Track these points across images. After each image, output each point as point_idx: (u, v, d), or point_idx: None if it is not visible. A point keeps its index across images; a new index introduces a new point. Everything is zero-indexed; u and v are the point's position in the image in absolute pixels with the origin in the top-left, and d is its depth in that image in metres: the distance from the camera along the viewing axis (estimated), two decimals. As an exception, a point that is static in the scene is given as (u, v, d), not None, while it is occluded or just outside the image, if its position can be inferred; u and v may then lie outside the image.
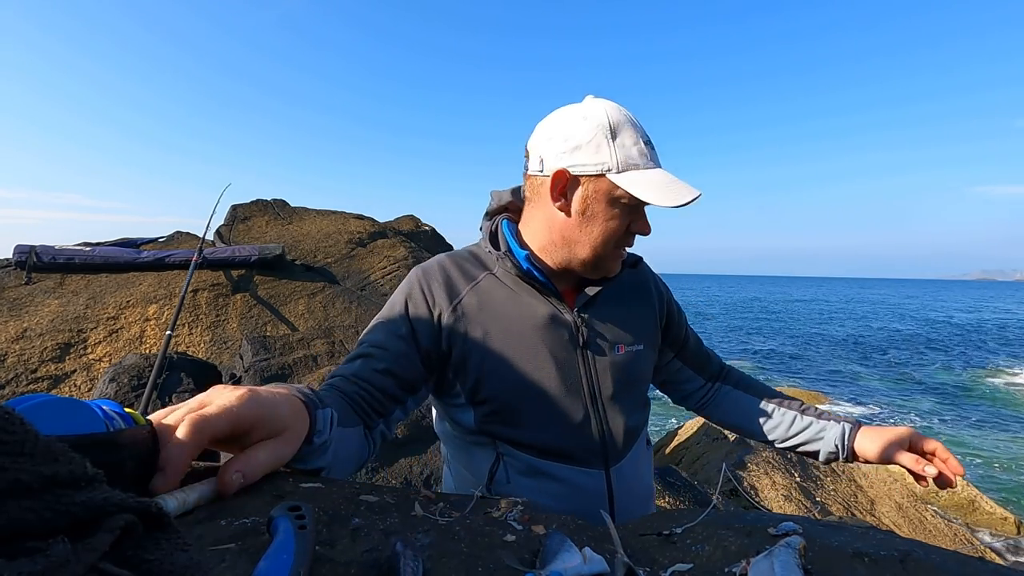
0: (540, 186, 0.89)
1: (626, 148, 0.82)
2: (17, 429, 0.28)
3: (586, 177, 0.84)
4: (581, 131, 0.83)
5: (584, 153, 0.83)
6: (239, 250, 4.21)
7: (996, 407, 13.02)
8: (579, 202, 0.85)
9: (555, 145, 0.85)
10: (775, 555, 0.48)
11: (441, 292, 0.89)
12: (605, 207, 0.85)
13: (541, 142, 0.88)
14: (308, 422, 0.63)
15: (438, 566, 0.47)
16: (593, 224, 0.86)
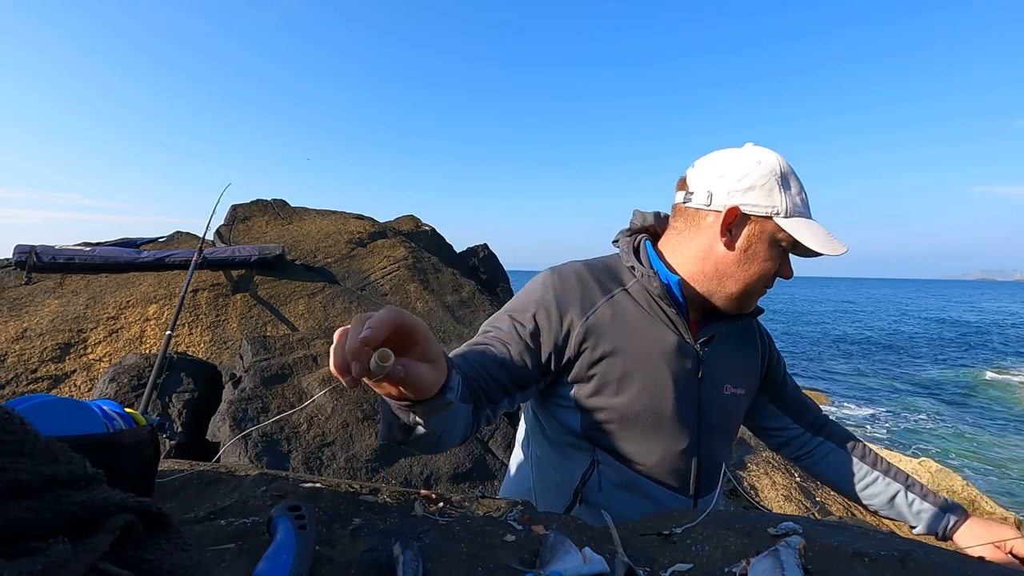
0: (703, 218, 0.93)
1: (792, 196, 0.88)
2: (17, 429, 0.28)
3: (755, 217, 0.89)
4: (755, 174, 0.88)
5: (757, 194, 0.88)
6: (239, 250, 4.21)
7: (996, 407, 13.02)
8: (744, 239, 0.90)
9: (727, 183, 0.89)
10: (775, 555, 0.48)
11: (576, 300, 0.91)
12: (766, 248, 0.89)
13: (711, 178, 0.92)
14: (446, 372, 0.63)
15: (438, 566, 0.47)
16: (752, 262, 0.90)
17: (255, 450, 2.37)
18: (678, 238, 0.96)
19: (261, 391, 2.70)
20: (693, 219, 0.94)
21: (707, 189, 0.91)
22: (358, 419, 2.72)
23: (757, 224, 0.89)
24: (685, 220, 0.95)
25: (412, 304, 4.48)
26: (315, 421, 2.64)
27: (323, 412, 2.70)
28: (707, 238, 0.92)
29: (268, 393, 2.71)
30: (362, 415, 2.75)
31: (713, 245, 0.91)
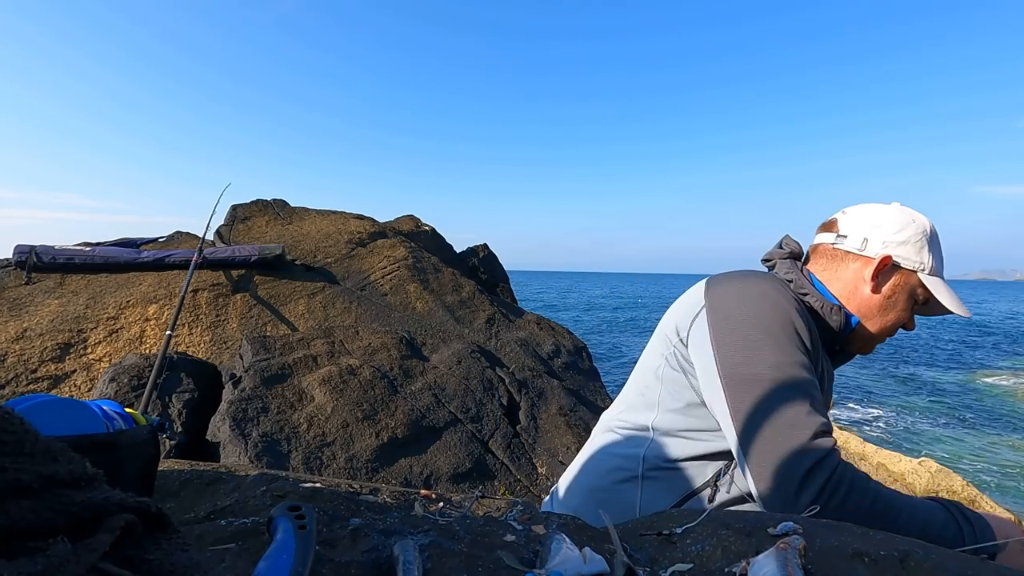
0: (852, 261, 1.00)
1: (936, 257, 0.98)
2: (17, 429, 0.28)
3: (904, 269, 0.97)
4: (910, 230, 0.97)
5: (909, 249, 0.96)
6: (239, 250, 4.21)
7: (996, 407, 13.02)
8: (889, 287, 0.98)
9: (883, 234, 0.98)
10: (775, 555, 0.48)
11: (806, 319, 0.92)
12: (905, 299, 0.98)
13: (866, 227, 1.00)
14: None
15: (438, 566, 0.47)
16: (892, 310, 0.98)
17: (255, 450, 2.37)
18: (822, 275, 1.03)
19: (261, 391, 2.70)
20: (842, 261, 1.01)
21: (863, 235, 0.99)
22: (358, 419, 2.72)
23: (903, 276, 0.97)
24: (832, 260, 1.03)
25: (412, 304, 4.49)
26: (315, 421, 2.64)
27: (323, 412, 2.70)
28: (854, 280, 0.99)
29: (268, 393, 2.71)
30: (362, 415, 2.75)
31: (859, 287, 0.99)
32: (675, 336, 0.97)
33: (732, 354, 0.86)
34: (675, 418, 0.96)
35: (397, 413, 2.84)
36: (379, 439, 2.67)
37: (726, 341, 0.88)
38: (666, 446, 0.96)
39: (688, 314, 0.96)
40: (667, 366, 0.98)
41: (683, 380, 0.95)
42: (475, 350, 3.70)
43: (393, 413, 2.83)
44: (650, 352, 1.05)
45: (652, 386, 1.00)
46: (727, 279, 0.97)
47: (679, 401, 0.95)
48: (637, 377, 1.07)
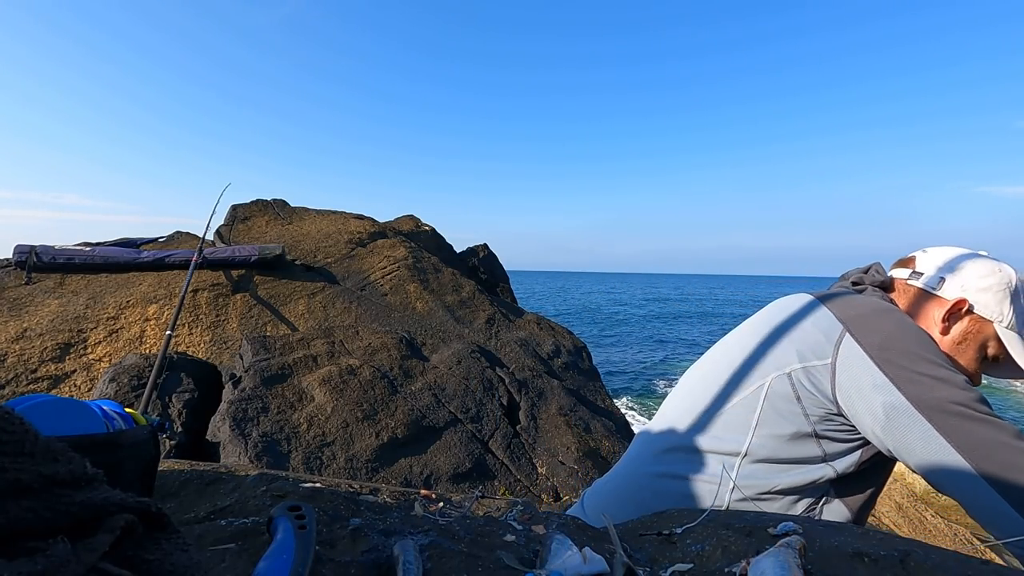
0: (926, 299, 0.98)
1: (1019, 313, 0.93)
2: (17, 429, 0.28)
3: (978, 316, 0.93)
4: (993, 279, 0.94)
5: (989, 297, 0.93)
6: (239, 250, 4.21)
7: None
8: (959, 331, 0.94)
9: (963, 278, 0.95)
10: (775, 555, 0.48)
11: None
12: (976, 348, 0.94)
13: (946, 267, 0.98)
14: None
15: (438, 566, 0.47)
16: (960, 357, 0.94)
17: (255, 450, 2.37)
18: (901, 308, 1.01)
19: (261, 391, 2.70)
20: (915, 298, 0.99)
21: (940, 275, 0.97)
22: (358, 419, 2.72)
23: (977, 323, 0.93)
24: (906, 296, 1.01)
25: (412, 304, 4.48)
26: (315, 421, 2.64)
27: (323, 412, 2.70)
28: (926, 320, 0.97)
29: (268, 393, 2.71)
30: (362, 415, 2.75)
31: (930, 328, 0.96)
32: (798, 360, 0.90)
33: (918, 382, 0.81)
34: (776, 445, 0.90)
35: (397, 413, 2.84)
36: (379, 439, 2.67)
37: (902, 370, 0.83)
38: (760, 474, 0.91)
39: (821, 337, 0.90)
40: (778, 388, 0.91)
41: (798, 407, 0.89)
42: (475, 350, 3.70)
43: (393, 413, 2.83)
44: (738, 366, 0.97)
45: (747, 404, 0.93)
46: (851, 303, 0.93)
47: (786, 428, 0.89)
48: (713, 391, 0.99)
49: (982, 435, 0.77)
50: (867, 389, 0.84)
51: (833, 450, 0.89)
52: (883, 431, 0.83)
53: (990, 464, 0.76)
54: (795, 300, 1.00)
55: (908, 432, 0.81)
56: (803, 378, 0.89)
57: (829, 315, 0.91)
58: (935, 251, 1.02)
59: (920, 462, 0.81)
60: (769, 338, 0.96)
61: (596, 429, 3.36)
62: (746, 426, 0.92)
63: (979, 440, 0.77)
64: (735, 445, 0.92)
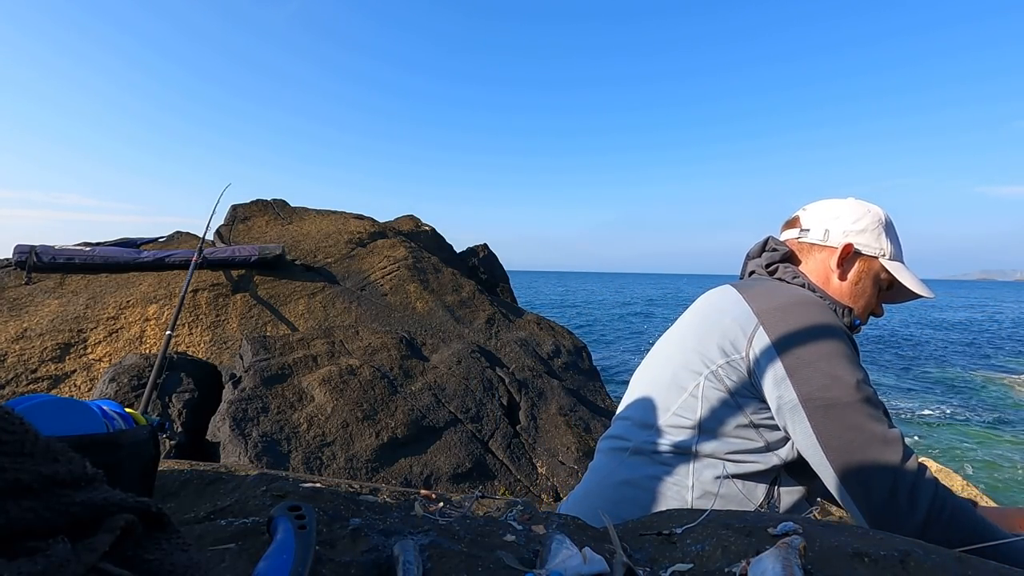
0: (818, 251, 1.06)
1: (894, 243, 1.03)
2: (17, 429, 0.28)
3: (865, 256, 1.03)
4: (867, 219, 1.03)
5: (868, 236, 1.02)
6: (239, 250, 4.21)
7: (996, 406, 13.02)
8: (855, 273, 1.03)
9: (843, 224, 1.04)
10: (775, 555, 0.48)
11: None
12: (872, 283, 1.03)
13: (826, 219, 1.06)
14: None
15: (438, 566, 0.47)
16: (861, 297, 1.03)
17: (255, 450, 2.37)
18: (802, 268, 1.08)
19: (261, 391, 2.70)
20: (809, 253, 1.07)
21: (824, 227, 1.05)
22: (358, 419, 2.72)
23: (866, 262, 1.02)
24: (803, 255, 1.08)
25: (412, 304, 4.48)
26: (315, 421, 2.64)
27: (323, 412, 2.70)
28: (824, 271, 1.04)
29: (268, 393, 2.71)
30: (362, 415, 2.75)
31: (830, 277, 1.04)
32: (720, 357, 0.92)
33: (809, 380, 0.84)
34: (721, 440, 0.92)
35: (397, 413, 2.84)
36: (379, 439, 2.67)
37: (799, 366, 0.85)
38: (715, 469, 0.92)
39: (739, 332, 0.91)
40: (710, 385, 0.93)
41: (732, 401, 0.91)
42: (475, 350, 3.70)
43: (393, 413, 2.83)
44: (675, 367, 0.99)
45: (688, 405, 0.95)
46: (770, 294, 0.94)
47: (726, 423, 0.91)
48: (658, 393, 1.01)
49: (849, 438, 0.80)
50: (771, 382, 0.87)
51: (774, 438, 0.92)
52: (781, 422, 0.88)
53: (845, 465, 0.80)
54: (720, 294, 1.03)
55: (795, 426, 0.85)
56: (729, 373, 0.92)
57: (747, 309, 0.93)
58: (813, 206, 1.10)
59: (803, 454, 0.86)
60: (698, 335, 0.98)
61: (596, 429, 3.37)
62: (692, 425, 0.94)
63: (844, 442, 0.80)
64: (686, 445, 0.94)
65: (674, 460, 0.95)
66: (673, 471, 0.94)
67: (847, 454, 0.79)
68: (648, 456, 0.98)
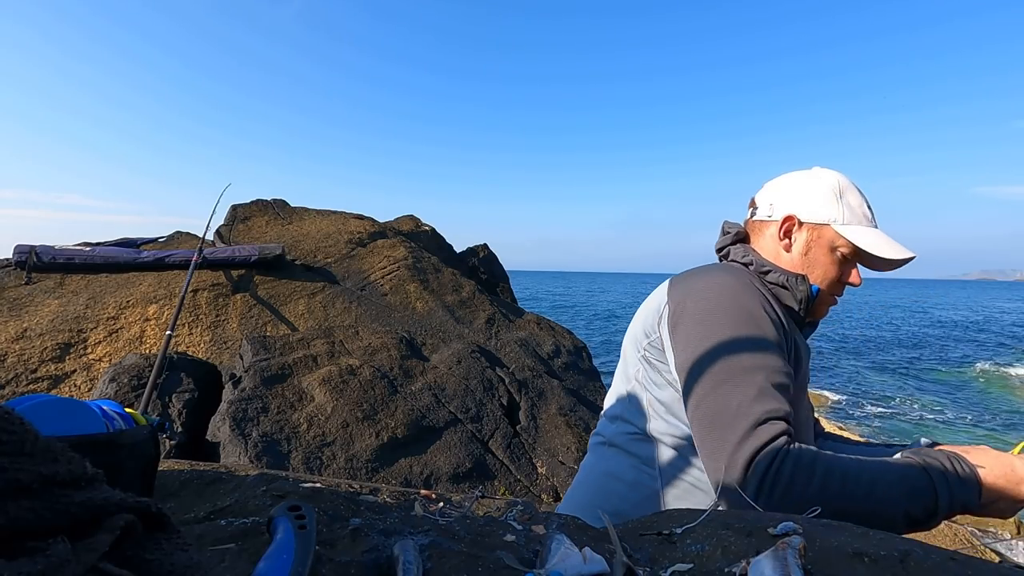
0: (766, 228, 1.02)
1: (852, 207, 0.96)
2: (17, 429, 0.28)
3: (812, 224, 0.97)
4: (812, 187, 0.98)
5: (813, 204, 0.97)
6: (239, 250, 4.21)
7: (996, 406, 13.02)
8: (801, 244, 0.98)
9: (787, 196, 1.00)
10: (775, 555, 0.48)
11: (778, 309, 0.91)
12: (825, 252, 0.96)
13: (773, 193, 1.03)
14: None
15: (438, 566, 0.47)
16: (816, 267, 0.97)
17: (255, 450, 2.37)
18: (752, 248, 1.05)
19: (261, 391, 2.70)
20: (759, 231, 1.04)
21: (769, 202, 1.02)
22: (358, 419, 2.72)
23: (815, 231, 0.97)
24: (754, 233, 1.05)
25: (412, 304, 4.49)
26: (315, 421, 2.64)
27: (323, 412, 2.70)
28: (772, 245, 1.01)
29: (268, 393, 2.71)
30: (362, 415, 2.75)
31: (779, 252, 1.00)
32: (644, 339, 0.96)
33: (687, 349, 0.86)
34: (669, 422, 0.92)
35: (397, 413, 2.84)
36: (379, 439, 2.67)
37: (682, 337, 0.87)
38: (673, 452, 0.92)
39: (654, 315, 0.95)
40: (644, 369, 0.96)
41: (663, 381, 0.92)
42: (475, 350, 3.70)
43: (393, 413, 2.83)
44: (626, 358, 1.03)
45: (636, 392, 0.97)
46: (688, 276, 0.96)
47: (668, 404, 0.92)
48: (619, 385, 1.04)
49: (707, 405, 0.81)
50: (669, 354, 0.90)
51: None
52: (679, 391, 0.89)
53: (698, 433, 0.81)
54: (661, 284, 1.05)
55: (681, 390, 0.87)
56: (654, 354, 0.94)
57: (664, 290, 0.96)
58: (769, 183, 1.06)
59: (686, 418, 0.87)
60: (634, 324, 1.02)
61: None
62: (643, 412, 0.96)
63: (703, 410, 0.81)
64: (643, 432, 0.96)
65: (640, 449, 0.96)
66: (641, 460, 0.95)
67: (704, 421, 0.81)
68: (619, 448, 0.99)
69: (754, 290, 0.89)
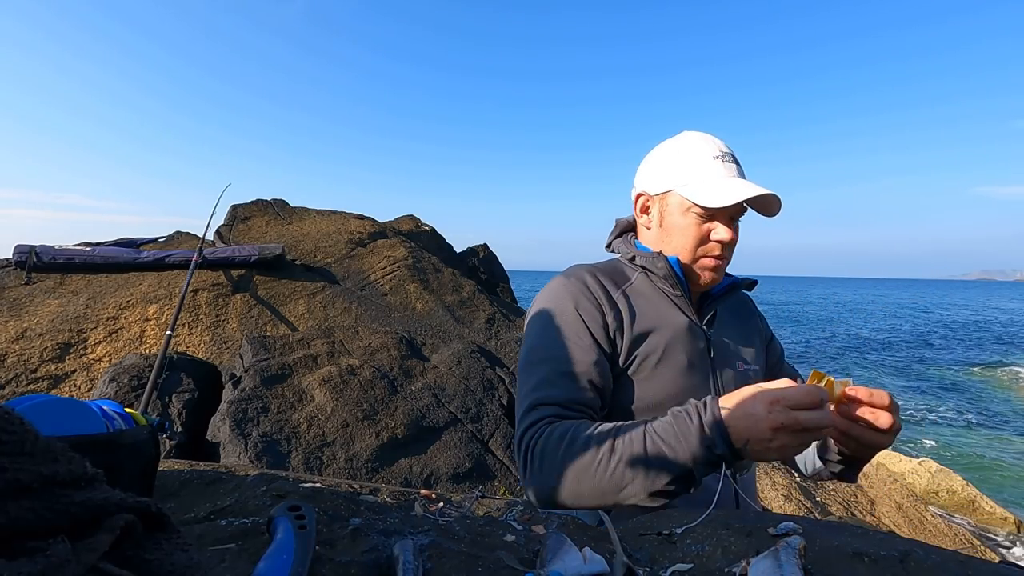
0: (634, 209, 1.05)
1: (691, 164, 0.94)
2: (17, 429, 0.28)
3: (659, 195, 0.98)
4: (654, 158, 0.99)
5: (654, 174, 0.98)
6: (239, 250, 4.21)
7: (996, 406, 13.02)
8: (657, 217, 0.99)
9: (641, 174, 1.02)
10: (775, 555, 0.48)
11: (601, 296, 0.94)
12: (679, 218, 0.95)
13: (636, 175, 1.04)
14: None
15: (438, 566, 0.47)
16: (677, 233, 0.96)
17: (255, 450, 2.37)
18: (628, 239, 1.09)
19: (261, 391, 2.70)
20: (634, 212, 1.06)
21: (634, 183, 1.04)
22: (358, 419, 2.72)
23: (663, 200, 0.97)
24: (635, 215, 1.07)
25: (412, 304, 4.48)
26: (315, 421, 2.64)
27: (323, 412, 2.70)
28: (641, 223, 1.03)
29: (268, 393, 2.71)
30: (362, 415, 2.75)
31: (643, 232, 1.03)
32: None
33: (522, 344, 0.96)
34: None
35: (397, 413, 2.84)
36: (379, 439, 2.67)
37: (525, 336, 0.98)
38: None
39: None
40: None
41: None
42: (475, 350, 3.70)
43: (393, 413, 2.83)
44: None
45: None
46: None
47: None
48: None
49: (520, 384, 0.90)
50: None
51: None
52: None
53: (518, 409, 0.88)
54: None
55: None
56: None
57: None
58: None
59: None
60: None
61: (596, 429, 3.37)
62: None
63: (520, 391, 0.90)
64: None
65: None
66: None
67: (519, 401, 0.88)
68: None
69: (570, 292, 0.94)
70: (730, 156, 0.95)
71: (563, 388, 0.84)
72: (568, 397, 0.84)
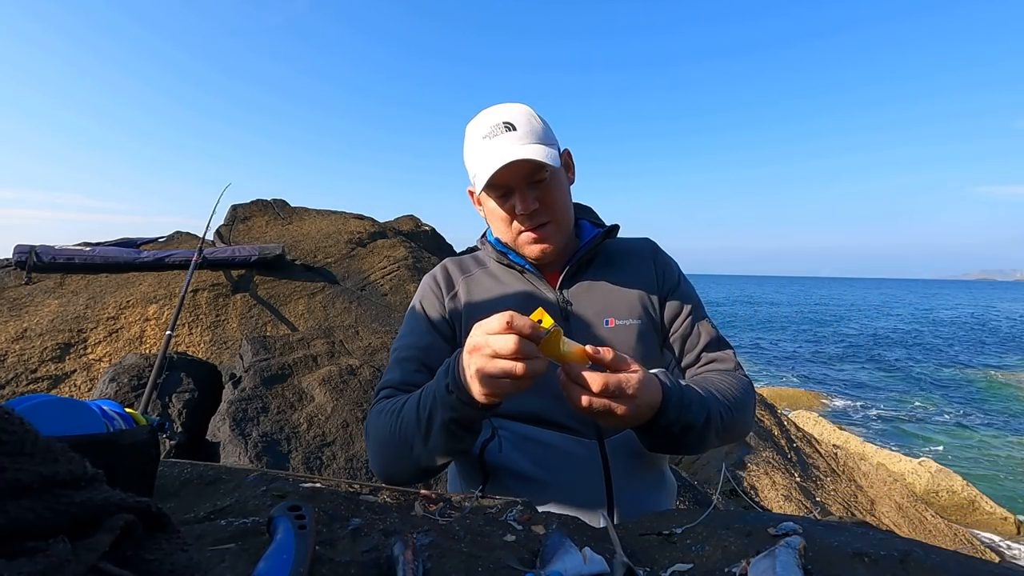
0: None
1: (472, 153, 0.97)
2: (17, 429, 0.28)
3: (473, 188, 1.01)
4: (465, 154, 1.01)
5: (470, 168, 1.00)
6: (239, 250, 4.21)
7: (996, 407, 13.02)
8: (485, 213, 1.05)
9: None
10: (775, 555, 0.48)
11: (443, 284, 1.05)
12: (489, 203, 1.00)
13: None
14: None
15: (438, 566, 0.47)
16: (493, 221, 1.03)
17: (255, 450, 2.37)
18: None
19: (261, 391, 2.70)
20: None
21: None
22: (358, 419, 2.72)
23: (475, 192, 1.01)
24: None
25: (412, 304, 4.49)
26: (315, 421, 2.64)
27: (323, 412, 2.70)
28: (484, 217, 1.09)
29: (268, 393, 2.71)
30: (362, 415, 2.75)
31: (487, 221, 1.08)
32: None
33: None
34: None
35: (397, 413, 2.83)
36: (379, 439, 2.67)
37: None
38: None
39: None
40: None
41: None
42: (475, 350, 3.70)
43: (393, 413, 2.83)
44: None
45: None
46: None
47: None
48: None
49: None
50: None
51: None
52: None
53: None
54: None
55: None
56: None
57: None
58: None
59: None
60: None
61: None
62: None
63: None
64: None
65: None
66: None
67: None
68: None
69: (421, 287, 1.07)
70: (500, 127, 0.93)
71: (399, 372, 0.96)
72: (401, 379, 0.95)
